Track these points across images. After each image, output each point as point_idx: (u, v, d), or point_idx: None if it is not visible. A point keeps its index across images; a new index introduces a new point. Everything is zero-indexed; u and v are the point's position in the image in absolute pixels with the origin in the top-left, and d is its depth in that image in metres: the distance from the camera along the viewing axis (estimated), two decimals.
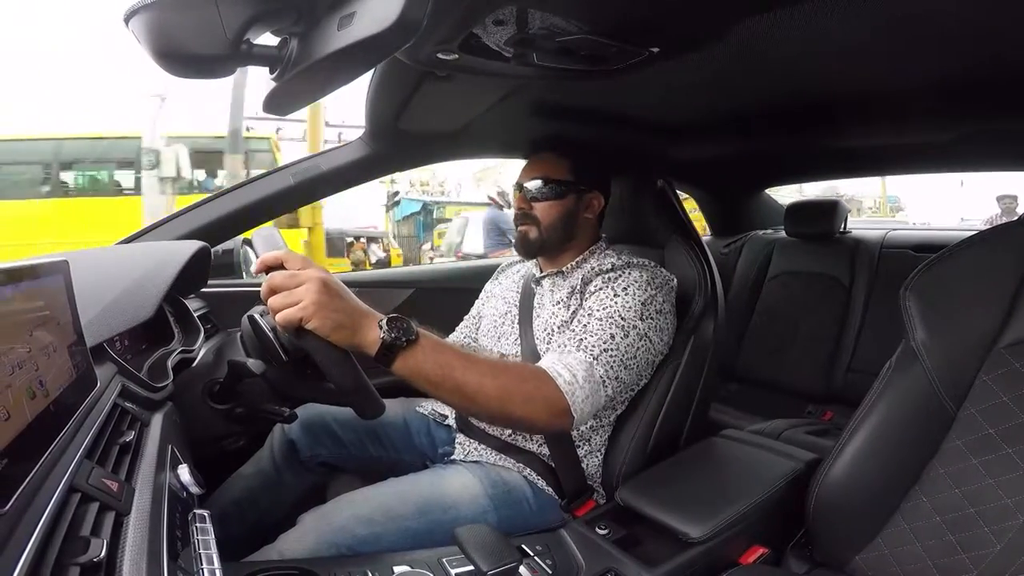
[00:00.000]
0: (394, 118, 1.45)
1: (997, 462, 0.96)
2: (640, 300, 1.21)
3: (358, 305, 0.95)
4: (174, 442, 0.85)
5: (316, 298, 0.88)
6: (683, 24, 0.93)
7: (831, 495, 1.09)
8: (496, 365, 1.07)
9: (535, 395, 1.05)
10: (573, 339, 1.16)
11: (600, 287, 1.25)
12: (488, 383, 1.00)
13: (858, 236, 2.52)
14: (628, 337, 1.17)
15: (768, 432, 1.85)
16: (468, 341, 1.62)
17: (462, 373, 0.98)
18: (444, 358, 0.97)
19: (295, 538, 1.05)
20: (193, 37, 0.60)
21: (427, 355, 0.96)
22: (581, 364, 1.11)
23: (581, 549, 1.11)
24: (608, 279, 1.25)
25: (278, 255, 0.93)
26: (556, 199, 1.38)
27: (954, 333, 1.04)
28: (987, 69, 1.18)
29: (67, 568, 0.47)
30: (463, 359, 1.00)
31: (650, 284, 1.23)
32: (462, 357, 1.00)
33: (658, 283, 1.25)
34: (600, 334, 1.16)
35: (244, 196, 1.65)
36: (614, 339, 1.16)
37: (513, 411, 1.04)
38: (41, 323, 0.59)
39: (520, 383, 1.05)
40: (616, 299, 1.20)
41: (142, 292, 1.02)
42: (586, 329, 1.17)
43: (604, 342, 1.15)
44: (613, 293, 1.22)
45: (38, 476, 0.51)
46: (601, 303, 1.21)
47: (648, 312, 1.21)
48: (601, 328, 1.17)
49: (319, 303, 0.88)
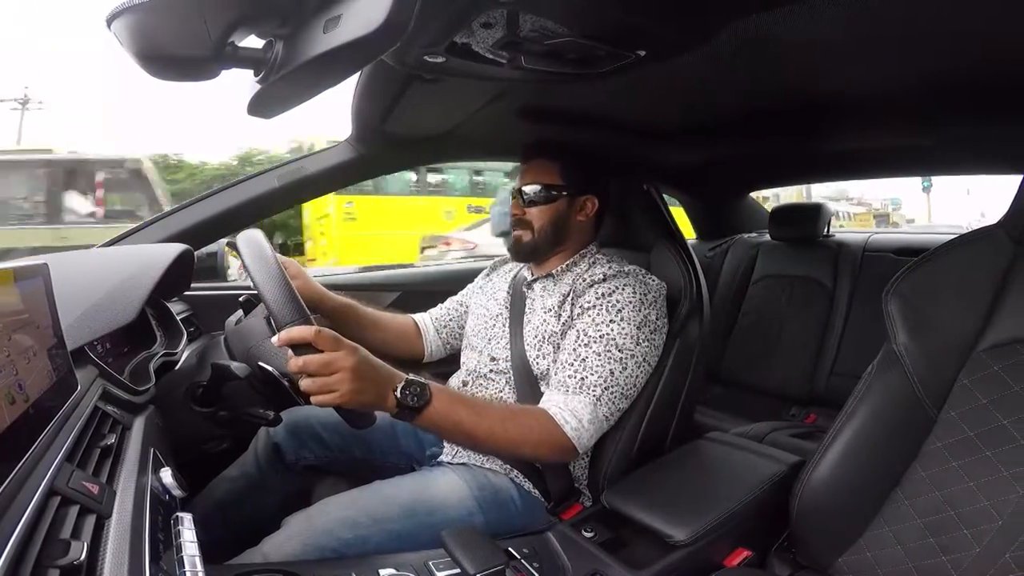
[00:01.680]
0: (380, 121, 1.44)
1: (976, 465, 0.97)
2: (635, 324, 1.22)
3: (384, 375, 1.02)
4: (156, 445, 0.85)
5: (351, 387, 0.95)
6: (669, 28, 0.93)
7: (814, 498, 1.10)
8: (505, 414, 1.15)
9: (543, 441, 1.14)
10: (574, 377, 1.19)
11: (593, 303, 1.24)
12: (498, 433, 1.11)
13: (841, 239, 2.53)
14: (627, 369, 1.21)
15: (752, 435, 1.86)
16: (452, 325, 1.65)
17: (473, 427, 1.08)
18: (456, 415, 1.07)
19: (280, 541, 1.04)
20: (177, 39, 0.60)
21: (440, 414, 1.06)
22: (586, 408, 1.16)
23: (567, 552, 1.11)
24: (601, 295, 1.25)
25: (306, 335, 0.94)
26: (547, 203, 1.39)
27: (935, 336, 1.05)
28: (971, 73, 1.20)
29: (47, 570, 0.47)
30: (474, 413, 1.09)
31: (643, 302, 1.25)
32: (473, 411, 1.10)
33: (651, 299, 1.27)
34: (600, 371, 1.19)
35: (228, 199, 1.64)
36: (613, 375, 1.19)
37: (523, 454, 1.19)
38: (20, 326, 0.58)
39: (528, 432, 1.13)
40: (612, 325, 1.21)
41: (125, 295, 1.01)
42: (585, 365, 1.19)
43: (605, 379, 1.18)
44: (609, 318, 1.22)
45: (17, 479, 0.51)
46: (597, 328, 1.22)
47: (643, 335, 1.23)
48: (600, 364, 1.19)
49: (354, 391, 0.96)
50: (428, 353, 1.65)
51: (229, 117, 21.47)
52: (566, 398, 1.18)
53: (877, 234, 2.56)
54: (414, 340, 1.64)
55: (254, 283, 0.99)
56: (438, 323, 1.66)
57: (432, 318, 1.68)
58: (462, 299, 1.67)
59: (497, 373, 1.37)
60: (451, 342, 1.66)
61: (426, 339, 1.65)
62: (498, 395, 1.36)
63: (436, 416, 1.05)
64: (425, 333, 1.65)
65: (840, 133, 1.80)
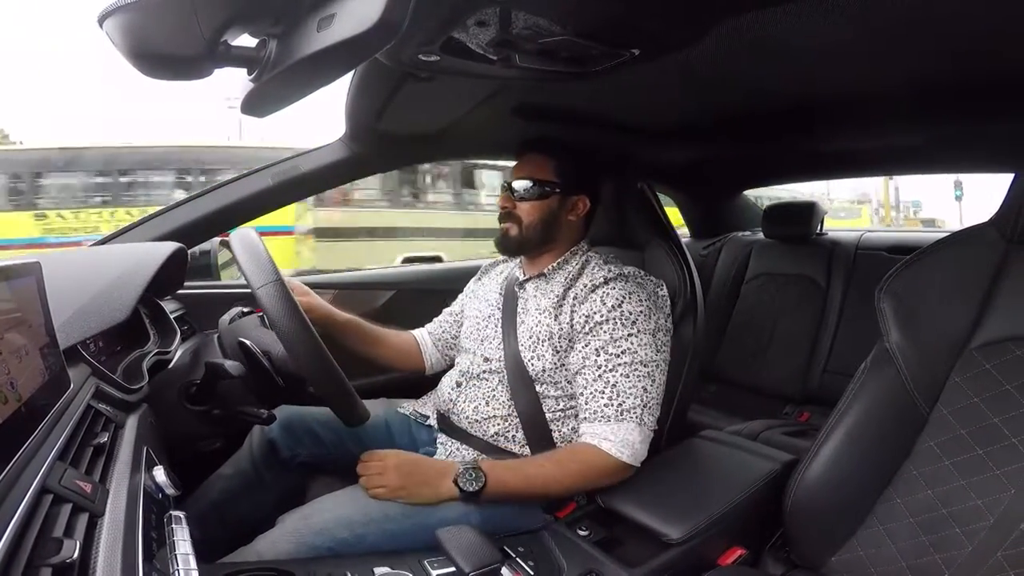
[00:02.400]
0: (375, 119, 1.44)
1: (968, 463, 0.97)
2: (650, 332, 1.25)
3: (433, 469, 1.19)
4: (149, 444, 0.84)
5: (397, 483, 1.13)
6: (663, 26, 0.93)
7: (807, 496, 1.10)
8: (555, 466, 1.21)
9: (603, 474, 1.21)
10: (611, 406, 1.21)
11: (605, 317, 1.24)
12: (553, 486, 1.20)
13: (834, 237, 2.54)
14: (656, 380, 1.24)
15: (746, 433, 1.86)
16: (448, 338, 1.65)
17: (531, 490, 1.19)
18: (512, 485, 1.17)
19: (274, 539, 1.04)
20: (169, 38, 0.59)
21: (498, 489, 1.15)
22: (633, 431, 1.20)
23: (562, 550, 1.11)
24: (611, 307, 1.25)
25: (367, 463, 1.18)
26: (539, 199, 1.38)
27: (927, 334, 1.06)
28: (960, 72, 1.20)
29: (39, 569, 0.47)
30: (526, 480, 1.18)
31: (652, 308, 1.27)
32: (526, 478, 1.19)
33: (657, 302, 1.30)
34: (633, 391, 1.21)
35: (222, 197, 1.63)
36: (647, 391, 1.22)
37: (586, 490, 1.25)
38: (12, 325, 0.58)
39: (585, 471, 1.20)
40: (631, 339, 1.23)
41: (118, 293, 1.01)
42: (617, 390, 1.21)
43: (641, 399, 1.21)
44: (626, 331, 1.23)
45: (9, 477, 0.51)
46: (617, 345, 1.23)
47: (659, 340, 1.27)
48: (632, 385, 1.21)
49: (400, 486, 1.13)
50: (429, 366, 1.67)
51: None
52: (611, 428, 1.19)
53: (870, 232, 2.57)
54: (414, 355, 1.66)
55: (247, 281, 0.99)
56: (434, 337, 1.68)
57: (429, 333, 1.69)
58: (455, 309, 1.68)
59: (490, 373, 1.38)
60: (448, 353, 1.67)
61: (426, 353, 1.67)
62: (491, 394, 1.36)
63: (496, 493, 1.15)
64: (424, 348, 1.67)
65: (832, 132, 1.81)
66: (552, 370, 1.29)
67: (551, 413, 1.30)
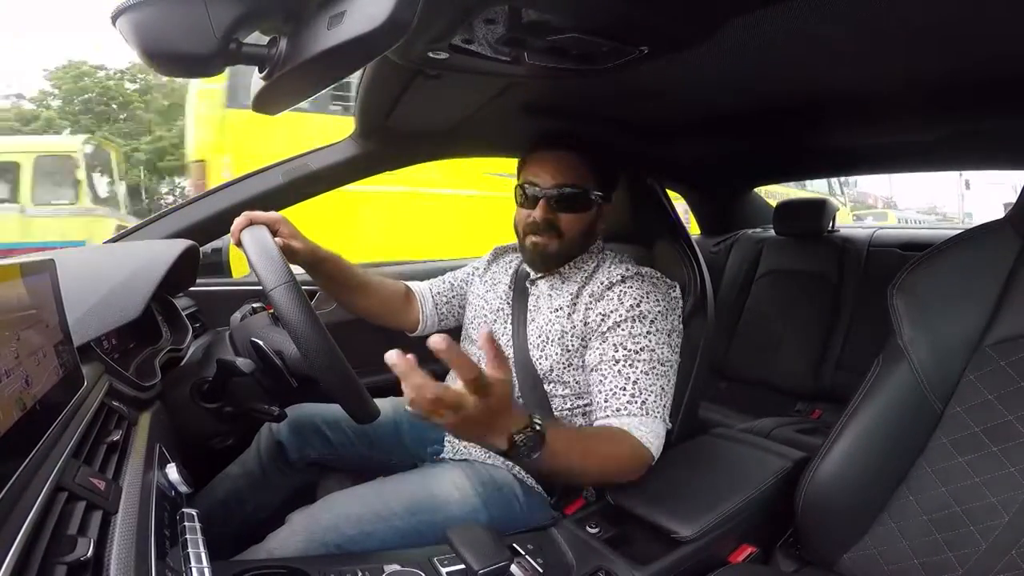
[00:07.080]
0: (384, 117, 1.44)
1: (982, 460, 0.97)
2: (667, 332, 1.23)
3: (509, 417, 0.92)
4: (162, 441, 0.85)
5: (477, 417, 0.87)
6: (672, 24, 0.93)
7: (819, 494, 1.10)
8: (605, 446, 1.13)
9: (637, 468, 1.15)
10: (635, 402, 1.16)
11: (624, 316, 1.21)
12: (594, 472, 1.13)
13: (846, 235, 2.53)
14: (671, 381, 1.22)
15: (757, 430, 1.86)
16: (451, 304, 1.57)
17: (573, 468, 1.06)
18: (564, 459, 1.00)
19: (284, 537, 1.04)
20: (182, 36, 0.60)
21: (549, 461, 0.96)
22: (659, 427, 1.16)
23: (572, 548, 1.11)
24: (629, 306, 1.21)
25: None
26: (584, 211, 1.30)
27: (940, 331, 1.05)
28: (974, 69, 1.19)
29: (54, 567, 0.47)
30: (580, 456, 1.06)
31: (668, 309, 1.25)
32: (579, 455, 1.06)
33: (672, 305, 1.27)
34: (654, 389, 1.18)
35: (233, 195, 1.64)
36: (664, 390, 1.19)
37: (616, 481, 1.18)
38: (27, 322, 0.58)
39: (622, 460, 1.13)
40: (649, 337, 1.20)
41: (130, 291, 1.01)
42: (638, 387, 1.17)
43: (660, 397, 1.18)
44: (645, 329, 1.20)
45: (24, 475, 0.51)
46: (636, 342, 1.20)
47: (674, 341, 1.25)
48: (652, 383, 1.18)
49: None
50: (422, 326, 1.55)
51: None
52: (639, 421, 1.15)
53: (883, 229, 2.56)
54: (403, 311, 1.54)
55: (261, 281, 0.99)
56: (438, 297, 1.57)
57: (432, 291, 1.57)
58: (461, 276, 1.60)
59: None
60: (447, 318, 1.57)
61: (423, 311, 1.55)
62: None
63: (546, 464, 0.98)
64: (423, 305, 1.55)
65: (843, 129, 1.80)
66: (560, 369, 1.28)
67: (559, 412, 1.29)
